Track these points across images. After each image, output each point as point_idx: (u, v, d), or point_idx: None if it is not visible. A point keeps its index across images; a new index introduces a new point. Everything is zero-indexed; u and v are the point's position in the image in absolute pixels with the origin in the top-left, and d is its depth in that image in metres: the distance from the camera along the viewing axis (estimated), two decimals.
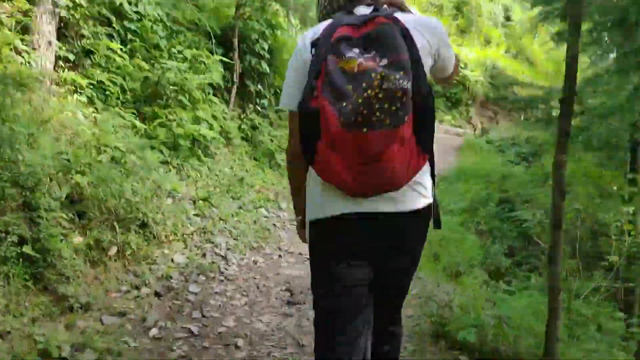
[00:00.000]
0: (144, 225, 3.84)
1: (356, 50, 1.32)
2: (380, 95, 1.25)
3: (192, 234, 4.16)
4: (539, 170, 8.20)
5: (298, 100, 1.40)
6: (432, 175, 1.53)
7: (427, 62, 1.44)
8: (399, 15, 1.41)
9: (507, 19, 19.67)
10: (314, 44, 1.40)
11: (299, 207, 1.68)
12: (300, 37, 1.52)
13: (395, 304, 1.73)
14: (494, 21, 19.03)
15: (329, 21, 1.44)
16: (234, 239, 4.43)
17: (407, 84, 1.27)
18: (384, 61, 1.29)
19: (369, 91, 1.25)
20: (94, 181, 3.50)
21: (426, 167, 1.47)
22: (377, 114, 1.26)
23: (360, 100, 1.25)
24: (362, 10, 1.48)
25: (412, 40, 1.35)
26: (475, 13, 17.99)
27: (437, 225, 1.57)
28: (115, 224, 3.52)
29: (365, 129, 1.26)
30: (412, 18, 1.47)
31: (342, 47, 1.32)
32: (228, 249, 4.20)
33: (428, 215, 1.53)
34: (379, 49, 1.31)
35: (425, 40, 1.43)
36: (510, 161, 9.62)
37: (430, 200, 1.51)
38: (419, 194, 1.46)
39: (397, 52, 1.29)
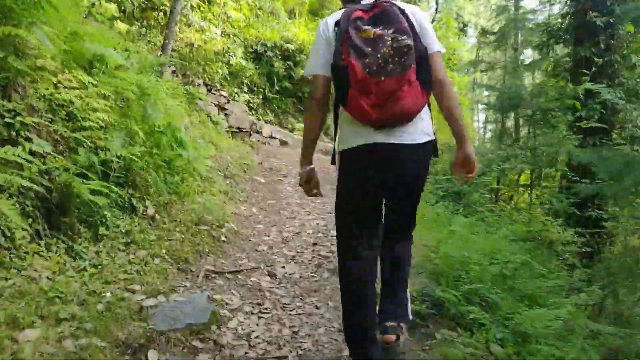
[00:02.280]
0: None
1: (368, 26, 1.93)
2: (392, 52, 1.87)
3: None
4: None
5: (322, 67, 2.03)
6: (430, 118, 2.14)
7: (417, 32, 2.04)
8: (395, 0, 2.06)
9: None
10: (337, 23, 2.01)
11: (309, 158, 2.18)
12: (322, 22, 2.11)
13: (407, 208, 2.27)
14: None
15: (344, 9, 2.06)
16: None
17: (411, 42, 1.90)
18: (391, 30, 1.91)
19: (384, 49, 1.87)
20: None
21: (427, 109, 2.07)
22: (391, 65, 1.86)
23: (378, 56, 1.86)
24: (366, 0, 2.10)
25: (408, 16, 1.99)
26: None
27: (436, 154, 2.14)
28: None
29: (383, 77, 1.86)
30: (405, 4, 2.09)
31: (359, 23, 1.94)
32: None
33: (428, 149, 2.08)
34: (385, 23, 1.93)
35: (414, 18, 2.04)
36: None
37: (431, 138, 2.07)
38: (422, 132, 2.04)
39: (400, 23, 1.93)
